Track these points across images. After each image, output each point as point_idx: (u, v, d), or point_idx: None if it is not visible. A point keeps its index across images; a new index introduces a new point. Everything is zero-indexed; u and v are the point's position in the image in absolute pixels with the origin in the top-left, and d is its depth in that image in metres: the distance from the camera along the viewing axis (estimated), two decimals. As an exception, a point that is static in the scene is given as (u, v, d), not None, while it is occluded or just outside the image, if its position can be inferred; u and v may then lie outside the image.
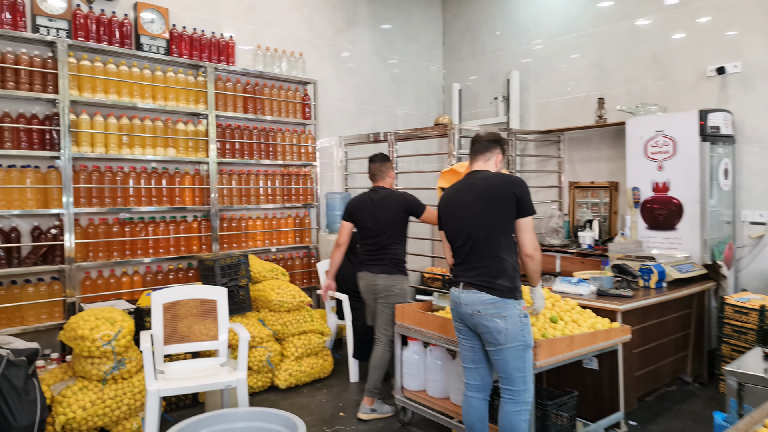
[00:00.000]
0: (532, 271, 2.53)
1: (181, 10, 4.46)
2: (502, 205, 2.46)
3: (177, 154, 4.28)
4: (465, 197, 2.57)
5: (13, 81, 3.56)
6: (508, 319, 2.39)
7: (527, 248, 2.47)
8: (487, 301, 2.42)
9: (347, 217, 3.65)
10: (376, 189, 3.67)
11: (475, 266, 2.49)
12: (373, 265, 3.54)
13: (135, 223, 4.11)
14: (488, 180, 2.54)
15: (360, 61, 5.76)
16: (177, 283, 4.26)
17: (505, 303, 2.40)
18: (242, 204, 4.69)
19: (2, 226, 3.60)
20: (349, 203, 3.70)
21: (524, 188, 2.48)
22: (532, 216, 2.48)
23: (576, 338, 2.70)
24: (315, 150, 5.14)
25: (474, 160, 2.68)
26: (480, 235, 2.48)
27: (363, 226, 3.60)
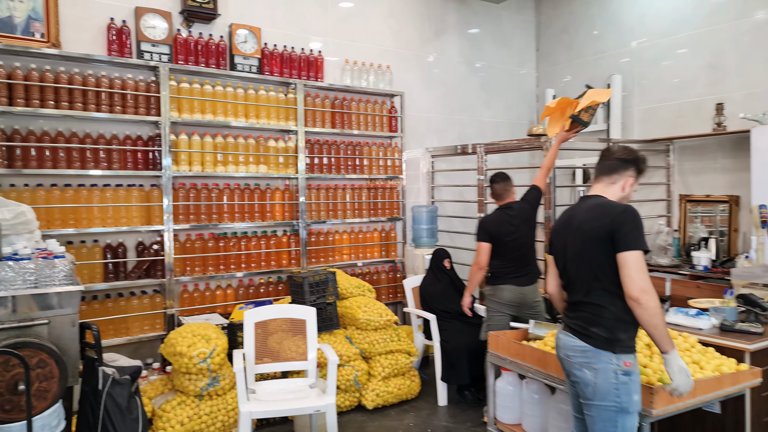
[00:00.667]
0: (646, 323, 1.99)
1: (272, 29, 4.54)
2: (599, 243, 2.08)
3: (268, 170, 4.36)
4: (566, 229, 2.26)
5: (120, 105, 3.77)
6: (599, 372, 2.06)
7: (630, 289, 1.98)
8: (577, 348, 2.13)
9: (487, 238, 3.57)
10: (510, 205, 3.65)
11: (574, 308, 2.21)
12: (519, 277, 3.55)
13: (228, 238, 4.23)
14: (590, 211, 2.17)
15: (447, 70, 5.61)
16: (267, 297, 4.34)
17: (598, 354, 2.07)
18: (329, 218, 4.70)
19: (110, 242, 3.82)
20: (486, 224, 3.62)
21: (627, 215, 2.06)
22: (639, 251, 2.01)
23: (699, 383, 2.39)
24: (401, 163, 5.06)
25: (596, 181, 2.29)
26: (577, 276, 2.18)
27: (503, 242, 3.55)
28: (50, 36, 3.62)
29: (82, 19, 3.78)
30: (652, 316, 1.97)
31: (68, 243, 3.65)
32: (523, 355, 2.88)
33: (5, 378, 2.20)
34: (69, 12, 3.72)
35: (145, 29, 3.92)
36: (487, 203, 4.75)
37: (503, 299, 3.57)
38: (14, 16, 3.50)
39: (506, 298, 3.56)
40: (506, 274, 3.57)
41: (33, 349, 2.29)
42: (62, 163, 3.58)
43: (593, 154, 5.20)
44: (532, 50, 6.23)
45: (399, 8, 5.25)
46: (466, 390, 3.95)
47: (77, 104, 3.60)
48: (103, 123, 3.82)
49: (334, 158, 4.70)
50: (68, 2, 3.72)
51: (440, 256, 4.34)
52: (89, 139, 3.69)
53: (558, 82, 5.98)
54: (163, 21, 3.99)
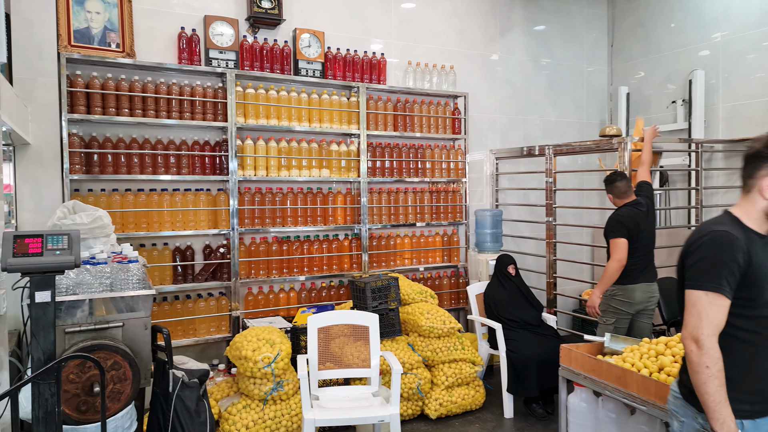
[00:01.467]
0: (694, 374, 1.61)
1: (335, 32, 4.54)
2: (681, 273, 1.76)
3: (330, 174, 4.36)
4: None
5: (189, 111, 3.86)
6: (684, 426, 1.76)
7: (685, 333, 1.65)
8: (673, 391, 1.85)
9: (625, 234, 3.43)
10: (638, 201, 3.55)
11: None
12: (647, 273, 3.51)
13: (291, 241, 4.25)
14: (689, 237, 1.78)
15: (513, 69, 5.43)
16: (329, 300, 4.33)
17: (685, 406, 1.76)
18: (391, 222, 4.64)
19: (179, 245, 3.92)
20: (624, 220, 3.46)
21: (699, 244, 1.68)
22: (705, 291, 1.62)
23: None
24: (465, 165, 4.93)
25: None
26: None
27: (637, 238, 3.45)
28: (125, 46, 3.76)
29: (154, 29, 3.90)
30: (694, 372, 1.62)
31: (141, 246, 3.78)
32: (600, 371, 2.70)
33: (81, 380, 2.26)
34: (142, 23, 3.85)
35: (213, 37, 4.01)
36: (556, 207, 4.55)
37: (634, 299, 3.46)
38: (92, 27, 3.66)
39: (637, 298, 3.46)
40: (638, 272, 3.47)
41: (108, 352, 2.35)
42: (136, 168, 3.70)
43: (673, 155, 4.88)
44: (603, 46, 5.93)
45: (463, 7, 5.13)
46: (534, 403, 3.77)
47: (150, 111, 3.72)
48: (173, 129, 3.93)
49: (396, 161, 4.64)
50: (142, 13, 3.85)
51: (504, 262, 4.18)
52: (160, 145, 3.80)
53: (632, 79, 5.66)
54: (230, 28, 4.06)
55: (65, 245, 1.99)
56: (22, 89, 3.31)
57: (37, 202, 3.39)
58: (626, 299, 3.46)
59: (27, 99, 3.32)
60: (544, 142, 5.50)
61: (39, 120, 3.37)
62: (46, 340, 1.94)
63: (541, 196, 4.71)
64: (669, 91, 5.27)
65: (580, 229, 5.42)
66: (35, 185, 3.38)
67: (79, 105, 3.52)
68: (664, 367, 2.53)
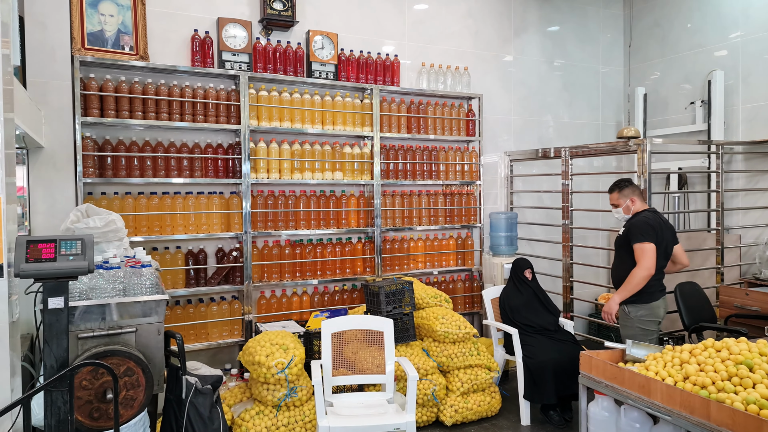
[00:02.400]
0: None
1: (348, 34, 4.50)
2: None
3: (343, 177, 4.31)
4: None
5: (202, 114, 3.84)
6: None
7: None
8: None
9: (654, 239, 3.25)
10: (655, 209, 3.46)
11: None
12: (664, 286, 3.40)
13: (304, 245, 4.21)
14: None
15: (528, 70, 5.36)
16: (342, 304, 4.28)
17: None
18: (404, 225, 4.58)
19: (192, 248, 3.89)
20: (653, 223, 3.28)
21: None
22: None
23: None
24: (479, 167, 4.87)
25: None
26: None
27: (661, 247, 3.30)
28: (138, 48, 3.74)
29: (168, 32, 3.89)
30: None
31: (153, 249, 3.76)
32: (622, 379, 2.62)
33: (94, 386, 2.23)
34: (156, 25, 3.84)
35: (226, 39, 3.98)
36: (572, 210, 4.47)
37: (660, 315, 3.35)
38: (105, 30, 3.65)
39: (662, 314, 3.36)
40: (659, 286, 3.35)
41: (121, 358, 2.31)
42: (149, 171, 3.68)
43: (691, 157, 4.78)
44: (619, 46, 5.84)
45: (478, 8, 5.07)
46: (552, 410, 3.70)
47: (163, 114, 3.70)
48: (186, 132, 3.91)
49: (410, 164, 4.59)
50: (155, 16, 3.84)
51: (521, 266, 4.11)
52: (173, 148, 3.78)
53: (649, 79, 5.57)
54: (243, 30, 4.03)
55: (78, 250, 1.96)
56: (35, 92, 3.30)
57: (51, 205, 3.38)
58: (653, 318, 3.31)
59: (40, 102, 3.31)
60: (559, 143, 5.43)
61: (52, 123, 3.36)
62: (59, 346, 1.91)
63: (557, 199, 4.63)
64: (686, 92, 5.17)
65: (596, 232, 5.34)
66: (48, 188, 3.37)
67: (93, 108, 3.51)
68: (689, 376, 2.45)
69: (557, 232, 4.69)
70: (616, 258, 3.50)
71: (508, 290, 4.10)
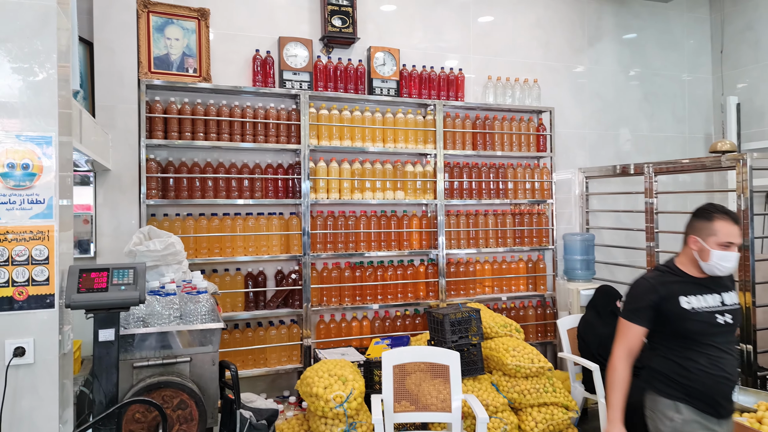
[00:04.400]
0: None
1: (410, 49, 4.35)
2: None
3: (405, 196, 4.13)
4: None
5: (263, 134, 3.78)
6: None
7: None
8: None
9: None
10: None
11: None
12: None
13: (365, 267, 4.05)
14: None
15: (603, 81, 5.00)
16: (404, 330, 4.07)
17: None
18: (470, 247, 4.33)
19: (252, 270, 3.82)
20: None
21: None
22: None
23: None
24: (551, 185, 4.54)
25: None
26: None
27: None
28: (202, 70, 3.75)
29: (230, 53, 3.88)
30: None
31: (213, 271, 3.71)
32: None
33: (147, 419, 2.14)
34: (218, 47, 3.84)
35: (287, 58, 3.93)
36: (657, 231, 4.06)
37: None
38: (171, 53, 3.68)
39: None
40: None
41: (175, 389, 2.21)
42: (210, 192, 3.65)
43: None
44: (706, 52, 5.36)
45: (547, 17, 4.79)
46: (638, 457, 3.29)
47: (224, 135, 3.68)
48: (246, 152, 3.87)
49: (475, 182, 4.34)
50: (218, 37, 3.85)
51: (611, 295, 3.74)
52: (234, 169, 3.74)
53: (742, 87, 5.05)
54: (305, 49, 3.97)
55: (131, 280, 1.87)
56: (103, 117, 3.35)
57: (116, 227, 3.40)
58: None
59: (108, 126, 3.35)
60: (639, 158, 5.01)
61: (119, 146, 3.39)
62: (109, 381, 1.82)
63: (637, 219, 4.23)
64: (789, 100, 4.64)
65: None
66: (114, 210, 3.39)
67: (157, 130, 3.53)
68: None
69: (639, 255, 4.28)
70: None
71: (589, 320, 3.74)
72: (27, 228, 1.81)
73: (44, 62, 1.82)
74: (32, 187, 1.83)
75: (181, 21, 3.72)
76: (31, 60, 1.81)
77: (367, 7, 4.23)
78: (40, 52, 1.82)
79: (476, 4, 4.57)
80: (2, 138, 1.81)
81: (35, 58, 1.82)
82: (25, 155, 1.83)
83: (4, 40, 1.78)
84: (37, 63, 1.82)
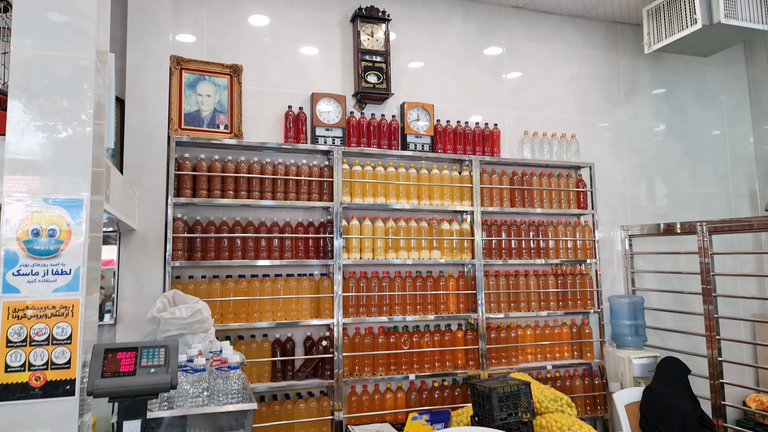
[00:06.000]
0: None
1: (445, 104, 4.24)
2: None
3: (441, 256, 3.90)
4: None
5: (294, 192, 3.62)
6: None
7: None
8: None
9: None
10: None
11: None
12: None
13: (399, 333, 3.77)
14: None
15: (641, 136, 4.83)
16: (442, 404, 3.74)
17: None
18: (511, 310, 4.04)
19: (279, 336, 3.56)
20: None
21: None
22: None
23: None
24: (593, 244, 4.29)
25: None
26: None
27: None
28: (233, 127, 3.64)
29: (262, 109, 3.78)
30: None
31: (239, 338, 3.46)
32: None
33: None
34: (250, 103, 3.75)
35: (320, 114, 3.82)
36: (716, 296, 3.76)
37: None
38: (202, 109, 3.58)
39: None
40: None
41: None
42: (237, 253, 3.46)
43: None
44: (746, 107, 5.21)
45: (582, 72, 4.69)
46: None
47: (254, 192, 3.52)
48: (276, 210, 3.70)
49: (515, 240, 4.11)
50: (250, 94, 3.76)
51: (683, 368, 3.43)
52: (263, 228, 3.56)
53: (787, 141, 4.87)
54: (337, 105, 3.87)
55: (161, 360, 1.64)
56: (131, 174, 3.21)
57: (138, 291, 3.19)
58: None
59: (135, 184, 3.21)
60: (682, 215, 4.76)
61: (145, 205, 3.23)
62: (132, 483, 1.55)
63: (685, 281, 3.95)
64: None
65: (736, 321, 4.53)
66: (137, 272, 3.20)
67: (185, 188, 3.38)
68: None
69: (691, 320, 3.97)
70: None
71: (661, 394, 3.39)
72: (49, 303, 1.61)
73: (78, 119, 1.67)
74: (58, 255, 1.64)
75: (213, 77, 3.65)
76: (64, 117, 1.66)
77: (399, 63, 4.16)
78: (74, 109, 1.67)
79: (509, 60, 4.49)
80: (28, 201, 1.63)
81: (69, 114, 1.66)
82: (52, 220, 1.64)
83: (35, 94, 1.64)
84: (71, 120, 1.67)
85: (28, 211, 1.63)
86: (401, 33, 4.19)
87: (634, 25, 4.87)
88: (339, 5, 4.05)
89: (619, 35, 4.83)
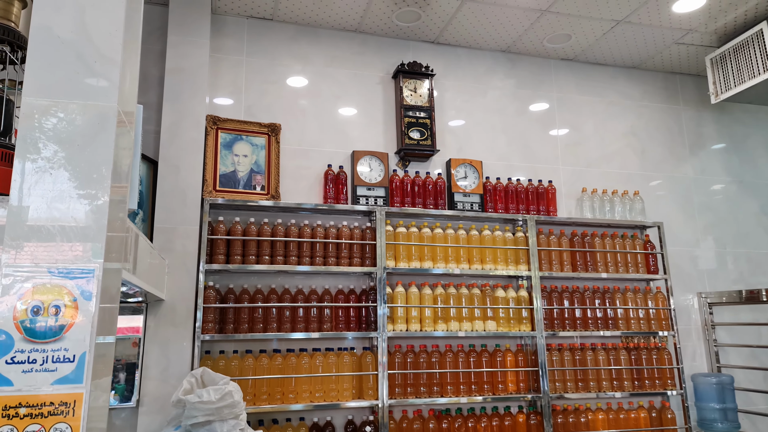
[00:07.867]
0: None
1: (493, 161, 3.95)
2: None
3: (497, 327, 3.49)
4: None
5: (334, 256, 3.32)
6: None
7: None
8: None
9: None
10: None
11: None
12: None
13: (452, 417, 3.31)
14: None
15: (713, 192, 4.41)
16: (503, 503, 3.21)
17: None
18: (579, 391, 3.54)
19: (317, 420, 3.16)
20: None
21: None
22: None
23: None
24: (669, 314, 3.80)
25: None
26: None
27: None
28: (270, 188, 3.42)
29: (300, 168, 3.57)
30: None
31: (273, 422, 3.07)
32: None
33: None
34: (288, 162, 3.55)
35: (361, 173, 3.58)
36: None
37: None
38: (238, 170, 3.39)
39: None
40: None
41: None
42: (272, 324, 3.13)
43: None
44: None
45: (641, 124, 4.37)
46: None
47: (292, 258, 3.23)
48: (314, 277, 3.40)
49: (579, 309, 3.66)
50: (288, 153, 3.56)
51: None
52: (301, 296, 3.25)
53: None
54: (380, 163, 3.63)
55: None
56: (161, 239, 2.99)
57: (165, 368, 2.88)
58: None
59: (165, 249, 2.97)
60: (763, 280, 4.24)
61: (175, 272, 2.98)
62: None
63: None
64: None
65: None
66: (164, 347, 2.90)
67: (219, 254, 3.12)
68: None
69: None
70: None
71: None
72: (47, 398, 1.30)
73: (94, 178, 1.42)
74: (61, 339, 1.34)
75: (250, 137, 3.47)
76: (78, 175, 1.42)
77: (444, 118, 3.93)
78: (90, 166, 1.43)
79: (560, 113, 4.22)
80: (30, 271, 1.36)
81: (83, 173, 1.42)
82: (56, 295, 1.36)
83: (44, 148, 1.40)
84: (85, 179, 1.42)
85: (29, 284, 1.36)
86: (445, 88, 3.99)
87: (694, 76, 4.57)
88: (380, 62, 3.90)
89: (678, 86, 4.53)
